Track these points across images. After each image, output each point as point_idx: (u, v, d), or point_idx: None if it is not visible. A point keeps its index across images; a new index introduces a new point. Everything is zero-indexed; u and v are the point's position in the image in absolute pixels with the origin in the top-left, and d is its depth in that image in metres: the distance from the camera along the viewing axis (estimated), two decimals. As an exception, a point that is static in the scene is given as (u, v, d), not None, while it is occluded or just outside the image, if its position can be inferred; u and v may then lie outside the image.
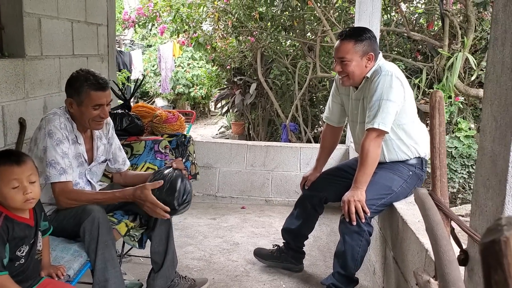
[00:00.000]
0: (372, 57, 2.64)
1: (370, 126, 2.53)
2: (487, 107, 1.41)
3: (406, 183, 2.70)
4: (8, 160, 1.80)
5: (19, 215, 1.83)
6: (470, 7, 5.23)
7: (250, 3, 6.62)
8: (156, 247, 2.64)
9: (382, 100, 2.52)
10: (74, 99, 2.35)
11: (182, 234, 3.74)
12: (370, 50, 2.63)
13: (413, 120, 2.71)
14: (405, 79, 2.67)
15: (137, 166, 3.16)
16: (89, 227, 2.13)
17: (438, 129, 1.34)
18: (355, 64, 2.63)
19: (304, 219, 3.08)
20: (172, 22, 6.73)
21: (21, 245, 1.83)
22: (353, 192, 2.57)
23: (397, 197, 2.69)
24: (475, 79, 5.50)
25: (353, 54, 2.62)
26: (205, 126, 11.10)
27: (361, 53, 2.62)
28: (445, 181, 1.36)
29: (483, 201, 1.43)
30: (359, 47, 2.62)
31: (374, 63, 2.66)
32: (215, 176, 4.67)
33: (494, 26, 1.40)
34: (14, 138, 2.93)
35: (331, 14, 6.32)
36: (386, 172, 2.65)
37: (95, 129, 2.49)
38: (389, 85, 2.53)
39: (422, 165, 2.77)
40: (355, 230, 2.57)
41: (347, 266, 2.62)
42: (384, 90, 2.53)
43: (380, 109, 2.51)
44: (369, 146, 2.54)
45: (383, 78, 2.55)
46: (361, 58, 2.63)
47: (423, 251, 2.09)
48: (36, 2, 3.09)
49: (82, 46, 3.76)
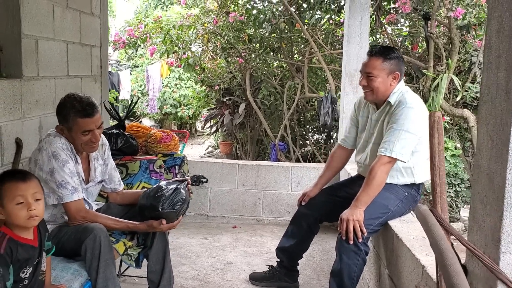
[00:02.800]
0: (398, 77, 2.71)
1: (387, 153, 2.56)
2: (482, 127, 1.48)
3: (402, 203, 2.75)
4: (13, 177, 1.84)
5: (23, 236, 1.84)
6: (453, 30, 5.39)
7: (239, 25, 6.73)
8: (153, 266, 2.65)
9: (402, 130, 2.56)
10: (64, 125, 2.38)
11: (175, 254, 3.74)
12: (397, 70, 2.70)
13: (418, 149, 2.71)
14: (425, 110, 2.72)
15: (132, 186, 3.18)
16: (90, 245, 2.15)
17: (437, 148, 1.41)
18: (381, 81, 2.70)
19: (299, 239, 3.10)
20: (162, 43, 6.80)
21: (24, 267, 1.83)
22: (352, 210, 2.59)
23: (393, 216, 2.74)
24: (460, 100, 5.64)
25: (380, 71, 2.69)
26: (192, 146, 11.12)
27: (388, 71, 2.69)
28: (445, 198, 1.42)
29: (480, 216, 1.49)
30: (386, 64, 2.69)
31: (397, 83, 2.73)
32: (206, 195, 4.69)
33: (487, 51, 1.48)
34: (10, 158, 2.93)
35: (318, 36, 6.45)
36: (382, 191, 2.66)
37: (88, 152, 2.51)
38: (412, 118, 2.58)
39: (418, 188, 2.82)
40: (352, 249, 2.59)
41: (343, 285, 2.62)
42: (406, 121, 2.57)
43: (400, 139, 2.55)
44: (378, 170, 2.57)
45: (407, 111, 2.59)
46: (387, 76, 2.70)
47: (419, 268, 2.14)
48: (34, 24, 3.13)
49: (76, 67, 3.79)
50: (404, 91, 2.73)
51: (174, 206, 2.48)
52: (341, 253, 2.63)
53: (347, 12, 4.39)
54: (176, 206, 2.48)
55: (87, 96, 2.43)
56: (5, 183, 1.82)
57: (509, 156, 1.34)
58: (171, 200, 2.48)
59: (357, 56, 4.33)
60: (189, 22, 6.79)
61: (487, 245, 1.45)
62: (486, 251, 1.43)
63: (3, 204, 1.80)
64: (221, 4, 6.92)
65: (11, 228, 1.83)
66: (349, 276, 2.61)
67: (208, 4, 7.16)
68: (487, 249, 1.44)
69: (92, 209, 2.57)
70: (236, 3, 6.92)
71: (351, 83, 4.40)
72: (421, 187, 2.85)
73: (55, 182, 2.29)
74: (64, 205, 2.32)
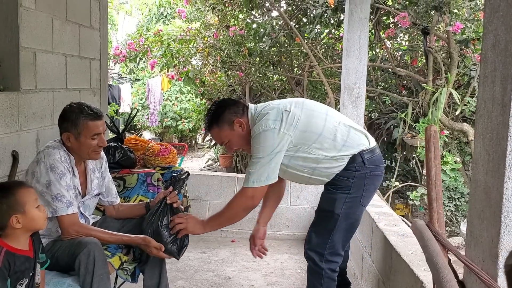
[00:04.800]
0: (239, 122, 2.50)
1: (244, 185, 2.42)
2: (479, 141, 1.47)
3: (349, 195, 2.47)
4: (21, 184, 1.91)
5: (19, 248, 1.83)
6: (452, 44, 5.41)
7: (239, 39, 6.76)
8: (149, 281, 2.62)
9: (255, 158, 2.39)
10: (72, 132, 2.36)
11: (172, 268, 3.70)
12: (232, 119, 2.50)
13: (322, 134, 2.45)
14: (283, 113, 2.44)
15: (129, 199, 3.16)
16: (84, 260, 2.12)
17: (433, 162, 1.39)
18: (234, 139, 2.55)
19: None
20: (163, 56, 6.83)
21: (21, 278, 1.82)
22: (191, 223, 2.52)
23: (347, 216, 2.48)
24: (459, 114, 5.64)
25: (225, 136, 2.54)
26: (192, 159, 11.10)
27: (228, 130, 2.52)
28: (442, 213, 1.41)
29: (478, 232, 1.47)
30: (222, 126, 2.52)
31: (247, 120, 2.53)
32: (205, 209, 4.66)
33: (483, 65, 1.47)
34: (6, 171, 2.92)
35: (318, 50, 6.48)
36: (328, 195, 2.52)
37: (94, 159, 2.51)
38: (257, 145, 2.40)
39: (362, 160, 2.47)
40: (315, 270, 2.53)
41: None
42: (255, 150, 2.41)
43: (256, 166, 2.39)
44: (237, 202, 2.47)
45: (254, 141, 2.43)
46: (233, 131, 2.52)
47: (418, 283, 2.11)
48: (33, 36, 3.13)
49: (75, 80, 3.80)
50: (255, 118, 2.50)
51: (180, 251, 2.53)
52: (308, 275, 2.61)
53: (346, 26, 4.40)
54: (181, 251, 2.54)
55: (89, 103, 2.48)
56: (19, 191, 1.85)
57: (506, 170, 1.32)
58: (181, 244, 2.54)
59: (356, 70, 4.33)
60: (189, 36, 6.82)
61: (485, 261, 1.42)
62: (484, 267, 1.41)
63: (24, 211, 1.83)
64: (222, 18, 6.96)
65: (7, 241, 1.82)
66: None
67: (208, 18, 7.20)
68: (484, 265, 1.41)
69: (89, 223, 2.55)
70: (236, 17, 6.96)
71: (350, 97, 4.39)
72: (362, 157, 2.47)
73: (50, 195, 2.27)
74: (58, 218, 2.30)
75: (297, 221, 4.62)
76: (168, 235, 2.46)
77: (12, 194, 1.83)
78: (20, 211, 1.82)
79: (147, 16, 12.60)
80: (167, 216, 2.51)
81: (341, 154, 2.44)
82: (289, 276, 3.72)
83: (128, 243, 2.48)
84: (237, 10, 6.85)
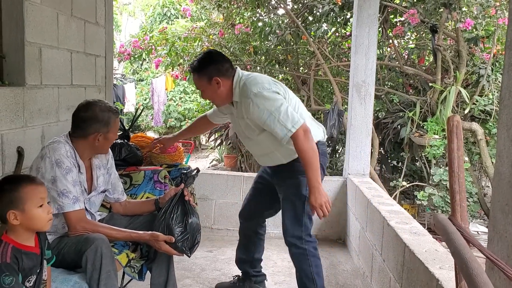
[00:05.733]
0: (218, 81, 2.68)
1: (289, 134, 2.53)
2: (503, 132, 1.41)
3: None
4: (29, 180, 1.84)
5: (26, 244, 1.79)
6: (461, 42, 5.35)
7: (244, 37, 6.71)
8: (156, 278, 2.57)
9: (271, 114, 2.54)
10: (102, 131, 2.38)
11: (178, 267, 3.65)
12: (214, 75, 2.67)
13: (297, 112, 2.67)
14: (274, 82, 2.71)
15: (136, 196, 3.10)
16: (92, 256, 2.07)
17: (456, 153, 1.34)
18: (208, 91, 2.74)
19: (252, 246, 3.23)
20: (167, 55, 6.78)
21: (30, 275, 1.78)
22: (315, 195, 2.56)
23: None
24: (468, 113, 5.58)
25: (201, 85, 2.74)
26: (196, 159, 11.05)
27: (206, 81, 2.70)
28: (465, 206, 1.35)
29: (502, 226, 1.41)
30: (202, 76, 2.70)
31: (227, 83, 2.70)
32: (211, 207, 4.62)
33: (508, 53, 1.41)
34: (12, 167, 2.87)
35: (325, 48, 6.43)
36: (290, 181, 2.75)
37: (106, 153, 2.57)
38: (264, 102, 2.56)
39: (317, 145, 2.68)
40: (299, 253, 2.77)
41: (306, 286, 2.79)
42: (267, 104, 2.55)
43: (281, 117, 2.53)
44: (303, 146, 2.53)
45: (252, 103, 2.58)
46: (210, 85, 2.70)
47: (433, 281, 2.05)
48: (38, 31, 3.09)
49: (80, 77, 3.75)
50: (241, 84, 2.68)
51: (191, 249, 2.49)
52: (294, 261, 2.83)
53: (355, 23, 4.36)
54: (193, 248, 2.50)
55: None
56: (24, 187, 1.80)
57: (534, 161, 1.27)
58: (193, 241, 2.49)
59: (365, 67, 4.28)
60: (194, 34, 6.78)
61: (510, 256, 1.37)
62: (509, 262, 1.35)
63: (24, 209, 1.78)
64: (227, 16, 6.91)
65: (13, 236, 1.77)
66: (307, 278, 2.77)
67: (214, 16, 7.16)
68: (509, 261, 1.36)
69: (95, 220, 2.51)
70: (242, 15, 6.91)
71: (358, 95, 4.34)
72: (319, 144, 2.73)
73: (56, 191, 2.23)
74: (64, 214, 2.25)
75: (304, 221, 4.56)
76: (179, 232, 2.41)
77: (15, 189, 1.78)
78: (19, 208, 1.77)
79: (150, 16, 12.58)
80: (179, 213, 2.46)
81: None
82: (297, 275, 3.66)
83: (136, 239, 2.44)
84: (243, 8, 6.81)
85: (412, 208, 6.11)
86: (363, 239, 3.63)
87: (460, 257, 1.08)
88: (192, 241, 2.47)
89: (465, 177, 5.38)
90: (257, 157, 2.99)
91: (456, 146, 1.34)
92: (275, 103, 2.54)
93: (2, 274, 1.67)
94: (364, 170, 4.46)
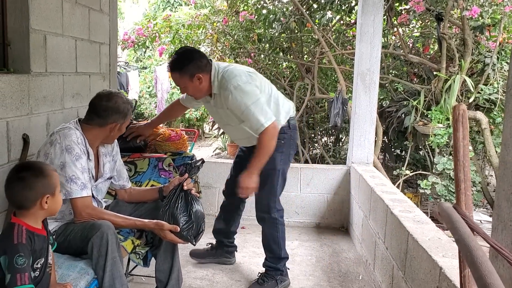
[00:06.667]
0: (200, 77, 2.84)
1: (262, 128, 2.76)
2: (509, 121, 1.41)
3: (283, 153, 3.03)
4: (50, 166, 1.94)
5: (36, 227, 1.81)
6: (467, 30, 5.32)
7: (248, 25, 6.68)
8: (161, 265, 2.60)
9: (248, 108, 2.76)
10: (119, 122, 2.44)
11: (183, 253, 3.66)
12: (196, 72, 2.83)
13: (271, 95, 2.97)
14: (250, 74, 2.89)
15: (141, 184, 3.12)
16: (97, 243, 2.09)
17: (462, 142, 1.34)
18: (190, 88, 2.90)
19: (231, 220, 3.53)
20: (171, 43, 6.76)
21: (39, 257, 1.81)
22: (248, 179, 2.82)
23: (283, 171, 3.09)
24: (472, 102, 5.55)
25: (183, 83, 2.88)
26: (200, 148, 11.07)
27: (188, 78, 2.85)
28: (470, 195, 1.35)
29: (506, 215, 1.42)
30: (184, 74, 2.84)
31: (208, 78, 2.87)
32: (214, 196, 4.64)
33: (515, 41, 1.41)
34: (17, 154, 2.89)
35: (329, 36, 6.39)
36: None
37: (113, 143, 2.61)
38: (241, 94, 2.76)
39: (288, 125, 3.05)
40: (270, 222, 3.12)
41: (272, 249, 3.18)
42: (241, 101, 2.77)
43: (255, 112, 2.75)
44: (267, 141, 2.78)
45: (231, 95, 2.78)
46: (191, 82, 2.86)
47: (436, 269, 2.06)
48: (43, 19, 3.09)
49: (85, 64, 3.75)
50: (220, 77, 2.85)
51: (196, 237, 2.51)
52: (263, 227, 3.17)
53: (360, 10, 4.33)
54: (198, 237, 2.52)
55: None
56: (53, 172, 1.87)
57: (539, 150, 1.27)
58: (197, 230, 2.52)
59: (369, 55, 4.26)
60: (198, 21, 6.75)
61: (514, 244, 1.38)
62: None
63: (54, 193, 1.85)
64: (231, 4, 6.87)
65: (24, 219, 1.80)
66: (274, 242, 3.15)
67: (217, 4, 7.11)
68: (513, 249, 1.37)
69: (101, 207, 2.53)
70: (246, 2, 6.87)
71: (363, 83, 4.33)
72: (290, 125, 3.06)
73: (65, 177, 2.24)
74: (71, 200, 2.27)
75: (307, 209, 4.59)
76: (184, 221, 2.43)
77: (47, 174, 1.84)
78: (52, 193, 1.83)
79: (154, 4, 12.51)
80: (183, 203, 2.47)
81: (279, 117, 2.95)
82: (300, 262, 3.69)
83: (141, 227, 2.46)
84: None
85: (415, 197, 6.12)
86: (366, 227, 3.64)
87: (464, 245, 1.09)
88: (197, 230, 2.49)
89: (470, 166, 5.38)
90: (235, 140, 3.25)
91: (462, 135, 1.34)
92: (252, 98, 2.76)
93: (17, 254, 1.70)
94: (367, 158, 4.47)
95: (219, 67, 2.89)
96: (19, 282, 1.68)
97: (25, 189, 1.78)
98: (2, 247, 1.73)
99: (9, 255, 1.70)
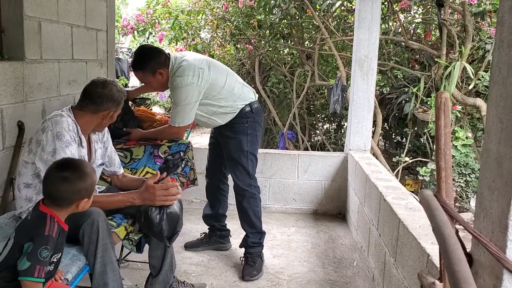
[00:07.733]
0: (161, 72, 3.05)
1: (173, 125, 3.10)
2: (492, 109, 1.41)
3: (248, 135, 3.20)
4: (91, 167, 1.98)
5: (64, 223, 1.86)
6: (468, 17, 5.27)
7: (249, 11, 6.64)
8: (155, 251, 2.62)
9: (175, 104, 3.07)
10: (112, 109, 2.45)
11: (179, 240, 3.70)
12: (156, 69, 3.03)
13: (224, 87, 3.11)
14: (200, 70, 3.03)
15: (136, 171, 3.14)
16: (88, 230, 2.11)
17: (443, 130, 1.34)
18: (154, 84, 3.14)
19: (216, 202, 3.61)
20: (171, 29, 6.74)
21: (57, 253, 1.83)
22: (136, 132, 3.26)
23: (252, 151, 3.23)
24: (473, 89, 5.53)
25: (146, 79, 3.12)
26: (202, 134, 11.08)
27: (151, 75, 3.06)
28: (451, 183, 1.36)
29: (488, 203, 1.42)
30: (146, 72, 3.05)
31: (167, 73, 3.06)
32: (213, 182, 4.64)
33: (499, 28, 1.40)
34: (12, 141, 2.91)
35: (330, 23, 6.35)
36: (233, 142, 3.20)
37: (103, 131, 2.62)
38: (179, 95, 3.01)
39: (251, 109, 3.21)
40: (249, 197, 3.25)
41: (254, 224, 3.29)
42: (178, 98, 3.03)
43: (176, 111, 3.05)
44: (167, 134, 3.21)
45: (177, 91, 3.01)
46: (154, 78, 3.07)
47: (424, 256, 2.08)
48: (37, 5, 3.08)
49: (81, 51, 3.76)
50: (172, 74, 3.04)
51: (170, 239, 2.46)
52: (242, 202, 3.27)
53: (358, -4, 4.29)
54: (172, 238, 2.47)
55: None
56: (94, 175, 1.91)
57: (519, 139, 1.27)
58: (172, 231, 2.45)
59: (367, 42, 4.24)
60: (198, 7, 6.72)
61: (494, 232, 1.38)
62: (493, 239, 1.37)
63: (90, 197, 1.90)
64: (231, -11, 6.83)
65: (56, 212, 1.82)
66: (255, 216, 3.29)
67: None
68: (493, 237, 1.37)
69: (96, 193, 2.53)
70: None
71: (361, 70, 4.31)
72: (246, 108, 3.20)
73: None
74: None
75: (305, 196, 4.60)
76: (158, 219, 2.38)
77: (90, 178, 1.86)
78: (89, 195, 1.88)
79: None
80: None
81: (236, 103, 3.15)
82: (295, 248, 3.71)
83: (127, 202, 2.41)
84: (247, -19, 6.72)
85: (416, 184, 6.12)
86: (361, 214, 3.66)
87: (439, 233, 1.10)
88: (171, 231, 2.42)
89: (468, 153, 5.36)
90: (200, 124, 3.40)
91: (443, 123, 1.34)
92: (185, 100, 3.00)
93: (44, 246, 1.71)
94: (365, 145, 4.46)
95: (176, 61, 3.06)
96: (36, 274, 1.69)
97: (68, 190, 1.80)
98: (30, 233, 1.74)
99: (35, 244, 1.71)
